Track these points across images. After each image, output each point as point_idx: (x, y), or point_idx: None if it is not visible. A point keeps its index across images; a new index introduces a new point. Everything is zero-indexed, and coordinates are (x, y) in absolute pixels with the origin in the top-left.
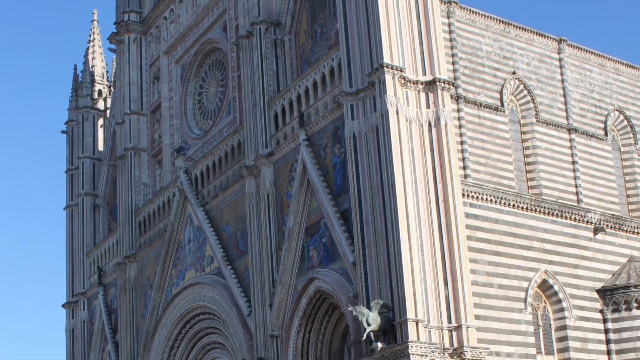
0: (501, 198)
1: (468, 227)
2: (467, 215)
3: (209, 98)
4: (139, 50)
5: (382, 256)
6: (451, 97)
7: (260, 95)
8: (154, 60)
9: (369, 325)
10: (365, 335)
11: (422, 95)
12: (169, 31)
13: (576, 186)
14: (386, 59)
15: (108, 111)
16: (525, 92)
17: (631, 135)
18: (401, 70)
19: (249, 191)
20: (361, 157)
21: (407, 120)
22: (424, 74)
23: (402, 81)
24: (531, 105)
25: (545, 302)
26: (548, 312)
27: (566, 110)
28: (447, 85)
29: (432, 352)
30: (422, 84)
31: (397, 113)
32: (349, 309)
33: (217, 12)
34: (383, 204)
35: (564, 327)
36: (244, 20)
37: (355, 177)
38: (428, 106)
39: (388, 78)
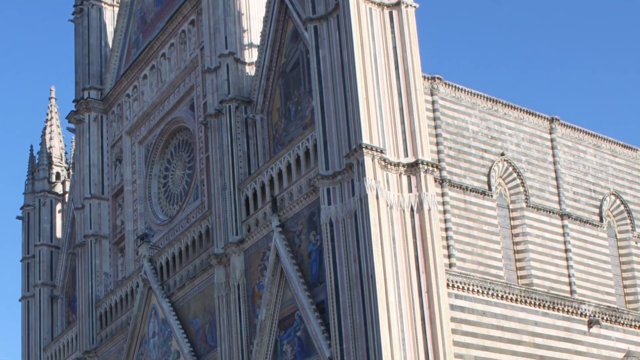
0: (489, 289)
1: (453, 319)
2: (452, 307)
3: (175, 181)
4: (99, 130)
5: (361, 351)
6: (435, 181)
7: (230, 178)
8: (116, 141)
9: None
10: None
11: (404, 178)
12: (132, 110)
13: (569, 276)
14: (365, 140)
15: (67, 195)
16: (515, 174)
17: (628, 221)
18: (381, 152)
19: (218, 281)
20: (338, 244)
21: (387, 205)
22: (406, 155)
23: (383, 163)
24: (521, 189)
25: None
26: None
27: (558, 195)
28: (430, 168)
29: None
30: (403, 166)
31: (377, 197)
32: None
33: (184, 89)
34: (362, 295)
35: None
36: (213, 97)
37: (332, 266)
38: (410, 190)
39: (367, 160)
